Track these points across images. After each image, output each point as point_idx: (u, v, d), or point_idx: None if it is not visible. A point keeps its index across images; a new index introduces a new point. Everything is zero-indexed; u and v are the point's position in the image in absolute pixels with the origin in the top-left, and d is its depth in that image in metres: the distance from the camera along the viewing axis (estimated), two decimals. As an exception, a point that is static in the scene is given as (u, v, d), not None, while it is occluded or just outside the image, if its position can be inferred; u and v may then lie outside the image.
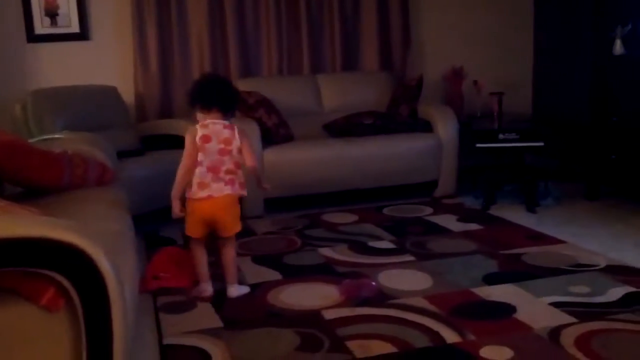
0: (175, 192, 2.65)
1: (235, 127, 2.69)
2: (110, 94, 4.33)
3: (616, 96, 4.10)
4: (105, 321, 1.51)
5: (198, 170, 2.62)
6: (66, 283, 1.46)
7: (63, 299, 1.49)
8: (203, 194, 2.62)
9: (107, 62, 4.58)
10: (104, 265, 1.47)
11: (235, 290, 2.74)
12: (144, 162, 3.94)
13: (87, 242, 1.46)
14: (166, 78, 4.67)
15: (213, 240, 2.78)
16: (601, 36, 4.13)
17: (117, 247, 1.90)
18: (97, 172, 2.83)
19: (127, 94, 4.54)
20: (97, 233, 1.62)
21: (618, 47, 4.03)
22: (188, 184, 2.64)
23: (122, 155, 3.61)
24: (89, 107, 4.11)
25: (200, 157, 2.61)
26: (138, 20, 4.54)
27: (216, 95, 2.66)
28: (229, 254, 2.75)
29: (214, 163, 2.62)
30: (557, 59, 5.16)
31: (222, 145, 2.63)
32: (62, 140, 3.13)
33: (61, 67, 4.45)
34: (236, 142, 2.65)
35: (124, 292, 1.55)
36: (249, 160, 2.70)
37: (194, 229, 2.70)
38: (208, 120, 2.65)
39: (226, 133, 2.65)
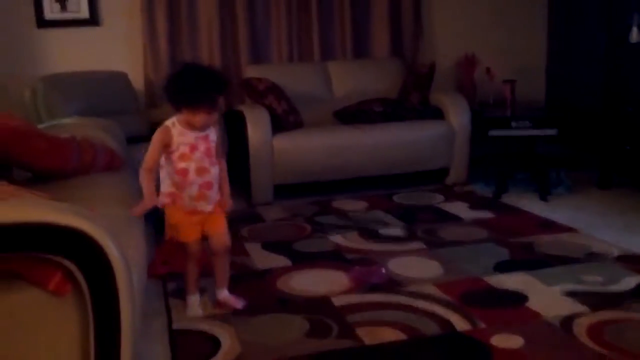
0: None
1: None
2: (120, 79, 4.32)
3: (632, 86, 4.03)
4: (112, 306, 1.50)
5: None
6: (73, 268, 1.46)
7: (70, 283, 1.48)
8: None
9: (117, 47, 4.57)
10: (111, 250, 1.46)
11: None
12: (153, 148, 3.92)
13: (94, 227, 1.45)
14: (176, 65, 4.64)
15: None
16: (617, 24, 4.05)
17: (125, 232, 1.89)
18: (105, 157, 2.82)
19: (137, 80, 4.52)
20: (104, 218, 1.61)
21: (634, 35, 3.96)
22: None
23: (131, 141, 3.60)
24: (98, 92, 4.10)
25: None
26: (148, 6, 4.52)
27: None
28: (223, 260, 2.49)
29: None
30: (572, 47, 5.08)
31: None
32: (71, 125, 3.12)
33: (71, 53, 4.44)
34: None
35: (131, 277, 1.54)
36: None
37: None
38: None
39: None
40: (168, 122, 2.29)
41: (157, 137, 2.28)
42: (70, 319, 1.51)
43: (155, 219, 3.70)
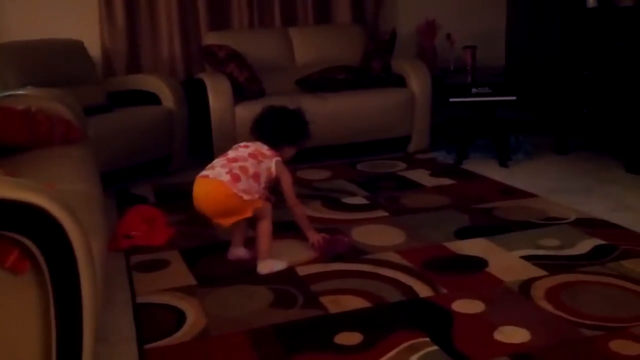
0: None
1: (276, 155, 2.62)
2: (75, 48, 4.18)
3: (588, 50, 4.10)
4: (73, 282, 1.48)
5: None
6: (31, 245, 1.42)
7: (28, 261, 1.45)
8: (202, 173, 2.50)
9: (72, 15, 4.41)
10: (69, 225, 1.43)
11: (263, 266, 2.53)
12: (111, 118, 3.84)
13: (51, 203, 1.41)
14: (133, 32, 4.53)
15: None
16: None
17: (84, 207, 1.85)
18: (62, 129, 2.75)
19: (94, 49, 4.39)
20: (61, 193, 1.57)
21: (591, 0, 4.00)
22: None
23: (89, 112, 3.51)
24: (53, 62, 3.97)
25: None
26: (102, -29, 4.37)
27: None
28: (261, 225, 2.57)
29: (237, 156, 2.52)
30: (530, 12, 5.12)
31: (256, 153, 2.56)
32: (25, 96, 3.02)
33: (24, 20, 4.27)
34: (269, 163, 2.57)
35: (91, 252, 1.52)
36: (288, 199, 2.70)
37: None
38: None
39: (264, 149, 2.61)
40: (280, 158, 2.62)
41: (287, 175, 2.66)
42: (30, 297, 1.48)
43: (116, 192, 3.65)
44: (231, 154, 2.54)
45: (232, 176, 2.41)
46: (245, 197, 2.42)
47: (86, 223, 1.58)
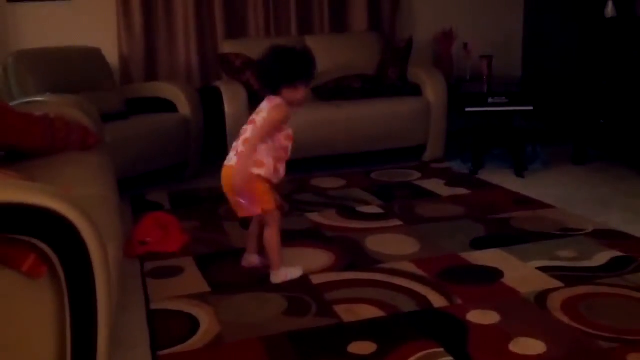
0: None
1: (275, 100, 2.40)
2: (93, 55, 4.23)
3: (606, 59, 4.07)
4: (88, 287, 1.48)
5: None
6: (47, 250, 1.43)
7: (45, 265, 1.46)
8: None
9: (90, 23, 4.47)
10: (86, 230, 1.44)
11: (275, 277, 2.48)
12: (129, 125, 3.88)
13: (68, 207, 1.42)
14: (151, 40, 4.57)
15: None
16: (593, -1, 4.07)
17: (100, 212, 1.86)
18: (80, 135, 2.77)
19: (111, 56, 4.44)
20: (78, 198, 1.58)
21: (610, 10, 3.98)
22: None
23: (106, 118, 3.54)
24: (72, 69, 4.02)
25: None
26: (121, -20, 4.42)
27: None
28: (265, 235, 2.47)
29: (243, 130, 2.43)
30: (548, 22, 5.09)
31: (253, 116, 2.42)
32: (44, 103, 3.05)
33: (43, 28, 4.33)
34: (263, 114, 2.38)
35: (107, 258, 1.52)
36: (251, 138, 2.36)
37: None
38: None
39: (263, 104, 2.43)
40: (280, 101, 2.37)
41: (278, 114, 2.35)
42: (46, 301, 1.49)
43: (131, 198, 3.68)
44: (242, 131, 2.42)
45: (238, 155, 2.35)
46: (256, 170, 2.33)
47: (102, 228, 1.59)
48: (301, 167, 4.23)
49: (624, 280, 2.36)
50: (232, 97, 3.99)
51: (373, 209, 3.41)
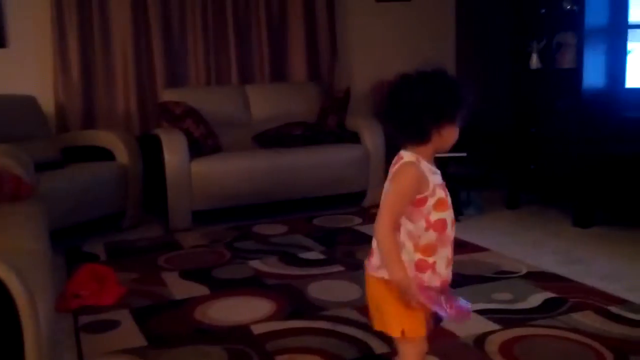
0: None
1: (402, 159, 1.61)
2: (28, 103, 4.14)
3: (534, 108, 4.28)
4: (17, 344, 1.42)
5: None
6: (-27, 307, 1.37)
7: (-30, 323, 1.40)
8: None
9: (26, 70, 4.39)
10: (14, 285, 1.39)
11: None
12: (64, 174, 3.79)
13: (-4, 263, 1.38)
14: (88, 87, 4.52)
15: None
16: (519, 51, 4.29)
17: (30, 266, 1.80)
18: (11, 185, 2.69)
19: (47, 104, 4.36)
20: (7, 251, 1.53)
21: (534, 62, 4.21)
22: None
23: (41, 167, 3.45)
24: (4, 117, 3.91)
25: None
26: (58, 27, 4.38)
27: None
28: None
29: None
30: (479, 73, 5.33)
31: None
32: (-27, 152, 2.96)
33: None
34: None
35: (37, 314, 1.47)
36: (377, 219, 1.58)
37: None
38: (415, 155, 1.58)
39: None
40: (410, 158, 1.57)
41: (407, 181, 1.55)
42: (-31, 362, 1.42)
43: (67, 250, 3.56)
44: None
45: (371, 252, 1.67)
46: (380, 273, 1.60)
47: (32, 282, 1.53)
48: (243, 214, 4.22)
49: (558, 321, 2.43)
50: (172, 145, 3.96)
51: (315, 255, 3.42)
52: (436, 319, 1.69)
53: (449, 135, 1.57)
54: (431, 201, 1.56)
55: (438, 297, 1.55)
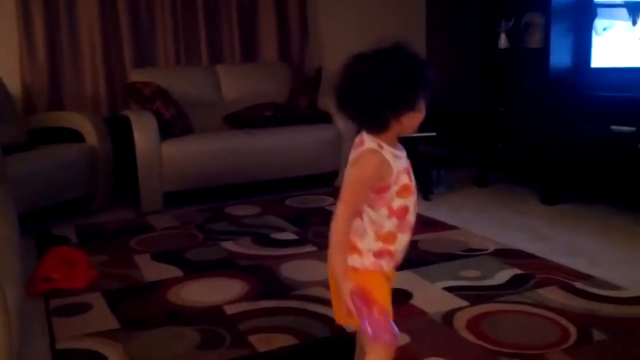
0: None
1: (360, 144, 1.51)
2: (-8, 84, 4.05)
3: (501, 88, 4.33)
4: (-14, 331, 1.42)
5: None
6: (-60, 293, 1.36)
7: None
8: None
9: (-11, 50, 4.29)
10: (-17, 272, 1.38)
11: None
12: (32, 156, 3.73)
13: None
14: (55, 68, 4.44)
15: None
16: (487, 31, 4.33)
17: None
18: (-23, 170, 2.65)
19: (14, 85, 4.27)
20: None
21: (502, 41, 4.25)
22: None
23: (7, 150, 3.39)
24: (-32, 99, 3.84)
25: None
26: (23, 6, 4.28)
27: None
28: None
29: None
30: (449, 54, 5.37)
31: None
32: (-64, 135, 2.90)
33: None
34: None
35: (5, 299, 1.46)
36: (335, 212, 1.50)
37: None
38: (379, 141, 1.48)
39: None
40: (372, 145, 1.47)
41: (369, 170, 1.46)
42: (-62, 349, 1.41)
43: (36, 233, 3.52)
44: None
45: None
46: (350, 262, 1.54)
47: (0, 267, 1.53)
48: (215, 196, 4.21)
49: (524, 297, 2.50)
50: (142, 127, 3.92)
51: (287, 236, 3.44)
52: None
53: (410, 121, 1.47)
54: (395, 188, 1.48)
55: (369, 311, 1.49)
